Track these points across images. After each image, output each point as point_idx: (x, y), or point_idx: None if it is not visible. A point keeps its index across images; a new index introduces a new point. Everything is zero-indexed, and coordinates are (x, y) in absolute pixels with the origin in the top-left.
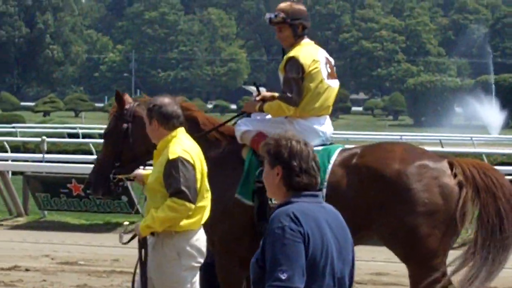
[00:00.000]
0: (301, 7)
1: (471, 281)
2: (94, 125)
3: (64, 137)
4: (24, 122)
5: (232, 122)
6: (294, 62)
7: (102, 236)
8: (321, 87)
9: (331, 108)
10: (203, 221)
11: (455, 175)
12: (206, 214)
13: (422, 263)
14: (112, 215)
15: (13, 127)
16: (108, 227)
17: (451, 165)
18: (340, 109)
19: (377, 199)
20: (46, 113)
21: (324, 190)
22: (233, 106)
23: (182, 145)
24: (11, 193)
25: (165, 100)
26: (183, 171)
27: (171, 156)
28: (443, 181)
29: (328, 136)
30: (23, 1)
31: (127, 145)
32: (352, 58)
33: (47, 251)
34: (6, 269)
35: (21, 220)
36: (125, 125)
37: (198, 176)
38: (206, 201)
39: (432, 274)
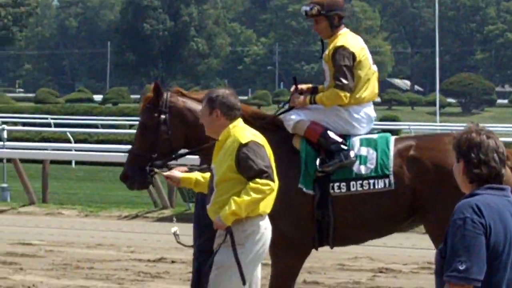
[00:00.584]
0: None
1: None
2: None
3: None
4: None
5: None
6: (344, 51)
7: None
8: (370, 73)
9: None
10: (271, 207)
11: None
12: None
13: None
14: None
15: None
16: None
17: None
18: (485, 101)
19: (433, 190)
20: None
21: (391, 177)
22: (377, 100)
23: (249, 131)
24: (156, 186)
25: (227, 91)
26: (258, 152)
27: (243, 141)
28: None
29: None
30: None
31: (164, 136)
32: (497, 50)
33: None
34: (152, 261)
35: (167, 212)
36: (162, 116)
37: None
38: (276, 184)
39: None
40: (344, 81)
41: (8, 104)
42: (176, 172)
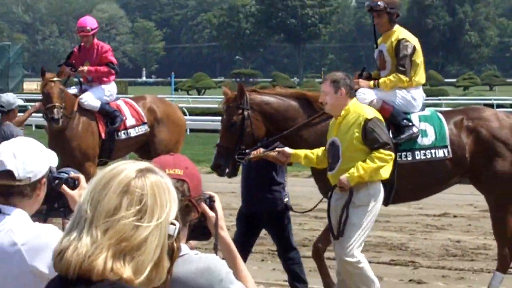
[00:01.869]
0: None
1: None
2: (506, 96)
3: None
4: (447, 95)
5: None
6: (407, 42)
7: None
8: (422, 61)
9: None
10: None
11: None
12: None
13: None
14: None
15: (439, 99)
16: None
17: None
18: None
19: (487, 154)
20: (465, 88)
21: (449, 147)
22: None
23: (369, 108)
24: None
25: (344, 73)
26: (381, 127)
27: (369, 117)
28: None
29: None
30: None
31: (248, 130)
32: None
33: (470, 201)
34: (437, 216)
35: None
36: (245, 113)
37: None
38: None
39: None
40: (406, 68)
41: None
42: (287, 149)
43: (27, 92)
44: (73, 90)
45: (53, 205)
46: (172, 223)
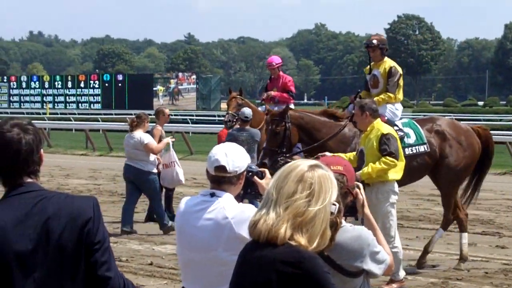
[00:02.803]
0: (385, 38)
1: None
2: None
3: None
4: None
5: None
6: (396, 70)
7: None
8: (403, 84)
9: None
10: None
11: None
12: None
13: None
14: None
15: None
16: None
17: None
18: None
19: (449, 147)
20: None
21: (427, 144)
22: None
23: (387, 127)
24: None
25: (370, 99)
26: (391, 141)
27: (384, 132)
28: (476, 138)
29: None
30: None
31: (288, 137)
32: None
33: None
34: None
35: None
36: (288, 125)
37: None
38: (403, 163)
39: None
40: (394, 88)
41: None
42: (327, 153)
43: (223, 110)
44: (262, 108)
45: (247, 190)
46: (333, 204)
